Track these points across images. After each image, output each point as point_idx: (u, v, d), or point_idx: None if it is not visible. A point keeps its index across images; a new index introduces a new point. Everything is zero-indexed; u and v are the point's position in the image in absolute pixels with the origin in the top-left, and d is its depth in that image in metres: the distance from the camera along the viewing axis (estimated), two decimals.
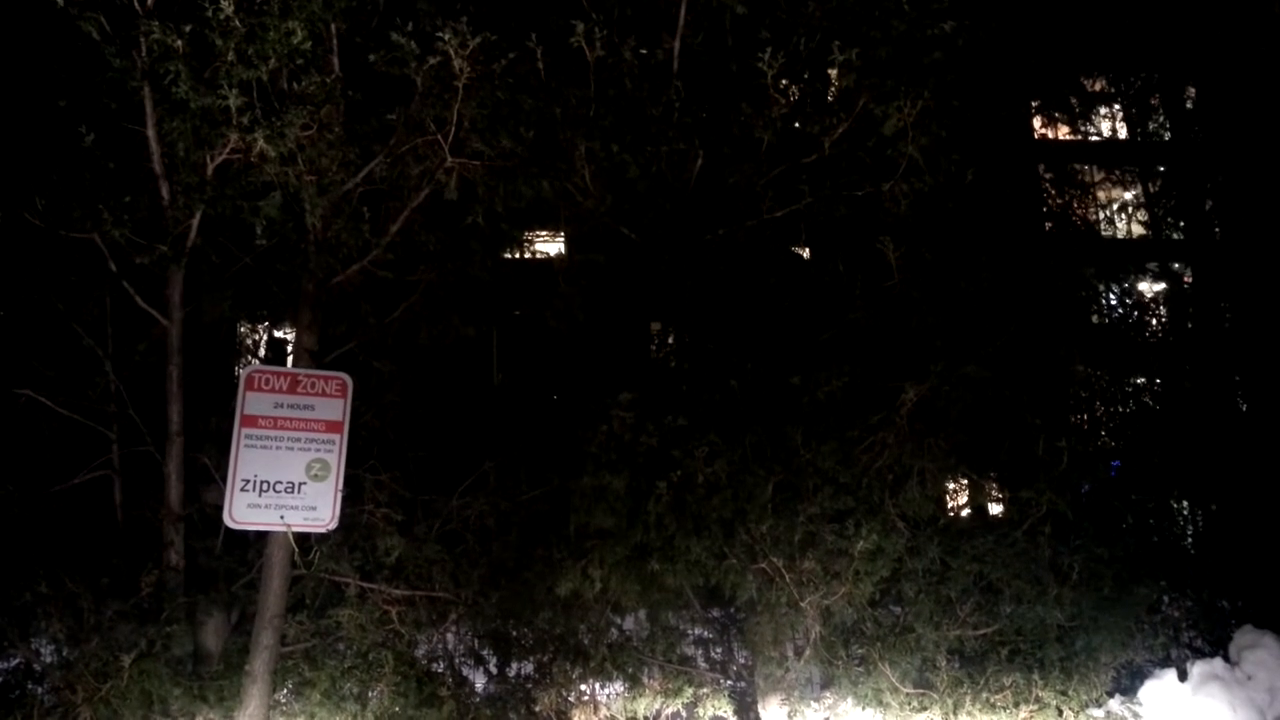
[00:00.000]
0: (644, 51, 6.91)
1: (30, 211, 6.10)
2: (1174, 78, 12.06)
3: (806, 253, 8.03)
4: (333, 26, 6.04)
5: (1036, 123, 12.23)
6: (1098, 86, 12.73)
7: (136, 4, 5.90)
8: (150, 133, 6.11)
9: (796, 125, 7.16)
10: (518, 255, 11.47)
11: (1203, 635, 8.79)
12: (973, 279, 7.13)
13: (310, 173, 6.04)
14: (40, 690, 6.39)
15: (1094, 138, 13.69)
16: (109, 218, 5.93)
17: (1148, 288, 12.22)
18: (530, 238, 11.89)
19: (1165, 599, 8.96)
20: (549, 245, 12.13)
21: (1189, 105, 12.24)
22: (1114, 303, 11.47)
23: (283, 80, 5.99)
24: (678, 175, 7.04)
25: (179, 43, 5.54)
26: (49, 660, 6.38)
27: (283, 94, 5.97)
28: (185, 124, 5.83)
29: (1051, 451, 6.72)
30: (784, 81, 7.01)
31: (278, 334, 8.25)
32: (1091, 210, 13.57)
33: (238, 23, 5.53)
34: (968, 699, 6.52)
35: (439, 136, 6.18)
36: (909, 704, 6.61)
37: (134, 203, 6.05)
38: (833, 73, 7.57)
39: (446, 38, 5.81)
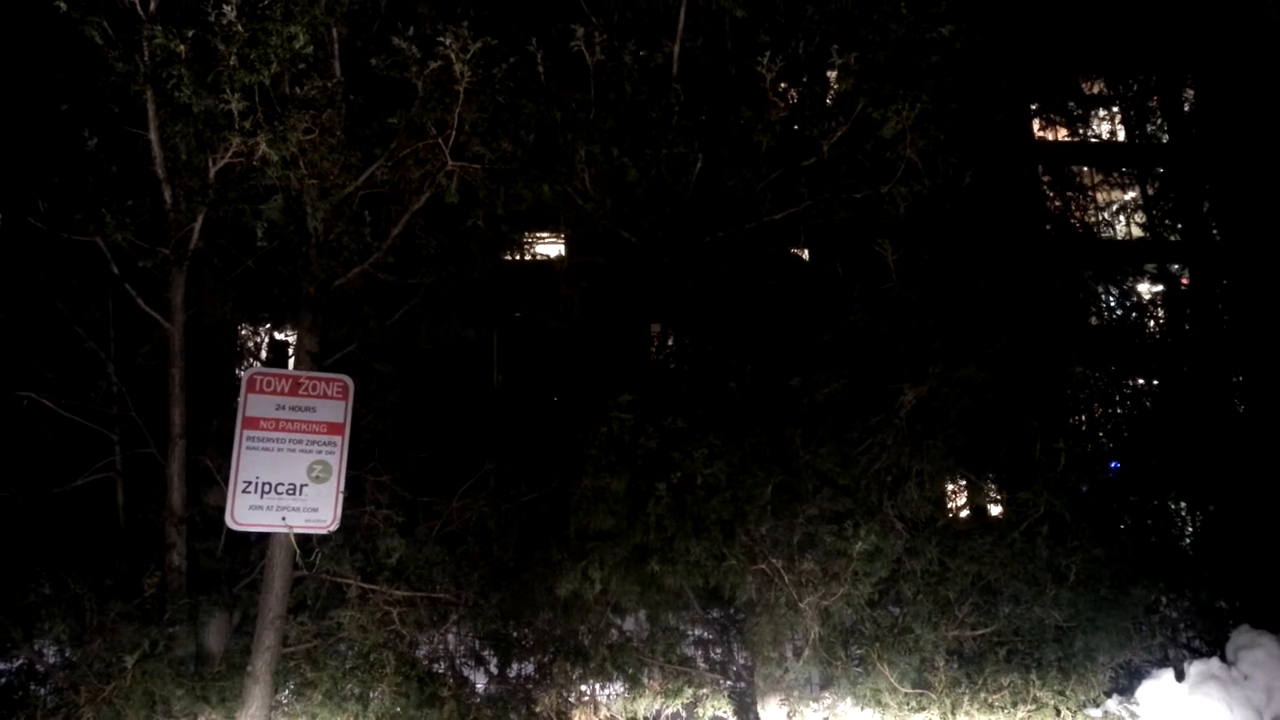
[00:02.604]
0: (643, 52, 6.94)
1: (33, 214, 6.14)
2: (1172, 80, 12.12)
3: (806, 255, 8.06)
4: (334, 31, 6.08)
5: (1035, 125, 12.27)
6: (1096, 89, 12.78)
7: (139, 8, 5.94)
8: (152, 136, 6.14)
9: (795, 128, 7.19)
10: (518, 257, 11.50)
11: (1201, 636, 8.82)
12: (971, 281, 7.17)
13: (312, 176, 6.06)
14: (43, 691, 6.42)
15: (1092, 140, 13.74)
16: (111, 221, 5.98)
17: (1146, 289, 12.28)
18: (530, 239, 11.92)
19: (1164, 599, 9.00)
20: (549, 247, 12.15)
21: (1186, 108, 12.29)
22: (1112, 304, 11.51)
23: (284, 84, 5.99)
24: (677, 178, 7.07)
25: (181, 47, 5.58)
26: (52, 661, 6.42)
27: (284, 98, 5.98)
28: (188, 128, 5.86)
29: (1049, 453, 6.76)
30: (783, 84, 7.04)
31: (279, 336, 8.28)
32: (1090, 212, 13.63)
33: (240, 27, 5.56)
34: (965, 699, 6.55)
35: (440, 140, 6.21)
36: (907, 704, 6.64)
37: (136, 206, 6.08)
38: (832, 74, 7.62)
39: (448, 42, 5.84)
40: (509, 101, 6.31)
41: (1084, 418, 9.66)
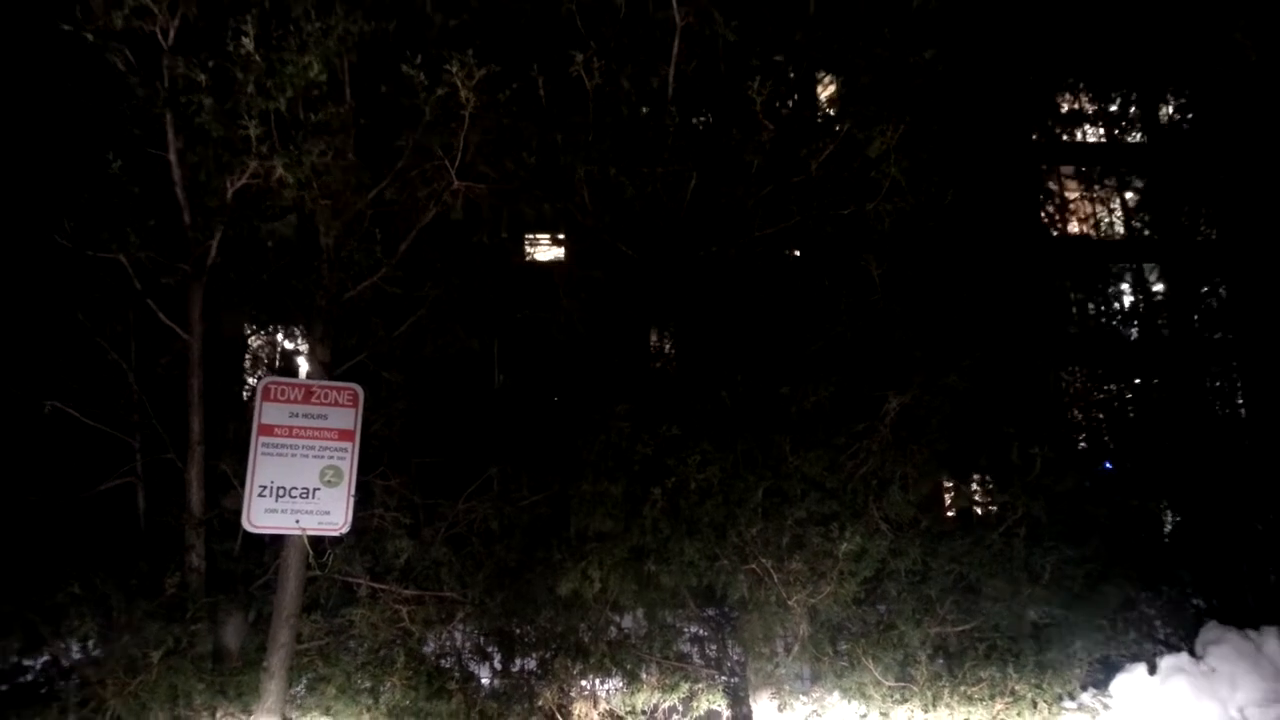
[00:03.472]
0: (643, 57, 7.19)
1: (60, 233, 6.43)
2: (1152, 94, 12.43)
3: (795, 268, 8.32)
4: (345, 59, 6.35)
5: (1018, 140, 12.52)
6: (1079, 104, 13.12)
7: (160, 37, 6.22)
8: (172, 157, 6.43)
9: (786, 146, 7.47)
10: (521, 258, 11.73)
11: (1176, 632, 9.12)
12: (953, 293, 7.47)
13: (325, 196, 6.35)
14: (67, 686, 6.68)
15: (1076, 149, 14.06)
16: (136, 240, 6.27)
17: (1126, 298, 12.60)
18: (532, 240, 12.16)
19: (1142, 597, 9.32)
20: (551, 250, 12.40)
21: (1166, 121, 12.60)
22: (1092, 312, 11.81)
23: (299, 108, 6.28)
24: (672, 195, 7.35)
25: (203, 77, 5.88)
26: (77, 657, 6.71)
27: (298, 122, 6.27)
28: (207, 151, 6.17)
29: (1025, 457, 7.05)
30: (775, 103, 7.32)
31: (290, 346, 8.57)
32: (1072, 223, 13.98)
33: (258, 58, 5.86)
34: (946, 692, 6.85)
35: (446, 161, 6.52)
36: (891, 697, 6.93)
37: (158, 225, 6.38)
38: (824, 91, 7.91)
39: (454, 69, 6.14)
40: (512, 124, 6.62)
41: (1062, 423, 9.94)
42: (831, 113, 7.22)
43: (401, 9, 6.38)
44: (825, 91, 8.21)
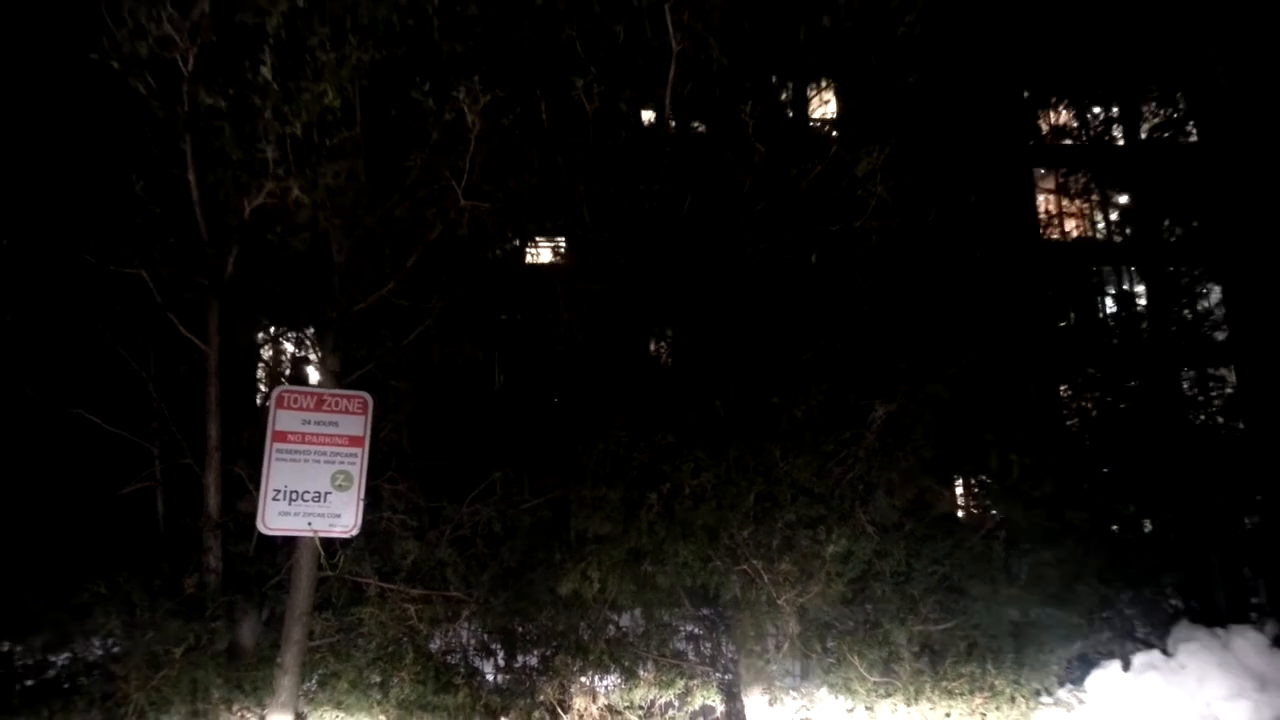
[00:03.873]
0: (641, 82, 7.49)
1: (85, 250, 6.72)
2: (1132, 109, 12.77)
3: (786, 280, 8.61)
4: (357, 85, 6.63)
5: (1003, 154, 12.81)
6: (1062, 120, 13.46)
7: (181, 64, 6.51)
8: (192, 179, 6.71)
9: (777, 161, 7.76)
10: (523, 269, 11.97)
11: (1154, 631, 9.44)
12: (937, 306, 7.78)
13: (337, 215, 6.66)
14: (88, 681, 6.94)
15: (1058, 163, 14.39)
16: (157, 256, 6.58)
17: (1108, 307, 12.93)
18: (534, 252, 12.42)
19: (1122, 597, 9.64)
20: (552, 259, 12.65)
21: (1147, 134, 12.92)
22: (1074, 321, 12.12)
23: (314, 133, 6.53)
24: (669, 212, 7.65)
25: (223, 104, 6.18)
26: (99, 653, 7.00)
27: (313, 145, 6.53)
28: (226, 173, 6.47)
29: (1004, 464, 7.37)
30: (767, 124, 7.62)
31: (303, 356, 8.85)
32: (1054, 234, 14.32)
33: (275, 85, 6.16)
34: (928, 687, 7.16)
35: (453, 181, 6.80)
36: (875, 692, 7.25)
37: (179, 243, 6.68)
38: (814, 113, 8.21)
39: (460, 95, 6.43)
40: (515, 146, 6.91)
41: (1044, 430, 10.19)
42: (821, 134, 7.52)
43: (411, 37, 6.66)
44: (815, 113, 8.52)
